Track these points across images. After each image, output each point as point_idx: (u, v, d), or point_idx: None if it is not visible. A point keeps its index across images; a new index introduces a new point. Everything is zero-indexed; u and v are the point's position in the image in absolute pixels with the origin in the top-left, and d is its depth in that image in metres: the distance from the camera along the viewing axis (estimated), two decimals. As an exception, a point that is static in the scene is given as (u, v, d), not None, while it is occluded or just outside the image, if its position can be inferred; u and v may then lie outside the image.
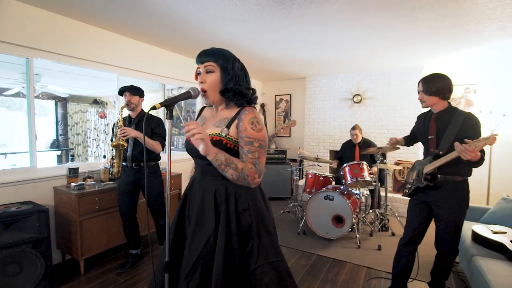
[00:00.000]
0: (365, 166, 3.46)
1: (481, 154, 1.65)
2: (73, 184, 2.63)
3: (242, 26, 2.91)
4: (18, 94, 4.73)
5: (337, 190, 3.33)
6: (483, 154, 1.69)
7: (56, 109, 6.12)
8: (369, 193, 3.91)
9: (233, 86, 1.19)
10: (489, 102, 4.16)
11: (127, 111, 2.65)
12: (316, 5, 2.40)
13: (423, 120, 2.11)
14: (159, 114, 3.73)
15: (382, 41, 3.33)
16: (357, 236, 3.29)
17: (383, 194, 3.99)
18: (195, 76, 1.24)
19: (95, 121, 6.43)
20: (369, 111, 5.07)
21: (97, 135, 6.43)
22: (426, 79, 1.95)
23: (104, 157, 3.20)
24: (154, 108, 1.07)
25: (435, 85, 1.89)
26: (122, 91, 2.59)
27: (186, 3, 2.42)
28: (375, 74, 4.97)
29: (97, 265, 2.73)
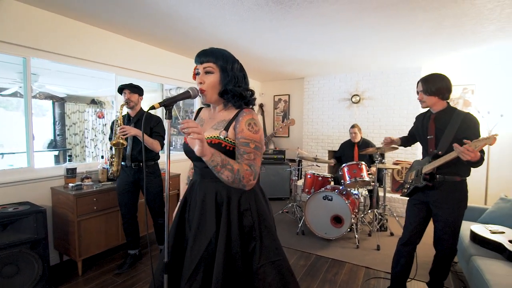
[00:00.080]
0: (363, 166, 3.47)
1: (480, 154, 1.65)
2: (71, 185, 2.61)
3: (241, 26, 2.91)
4: (15, 94, 4.70)
5: (336, 190, 3.33)
6: (483, 154, 1.69)
7: (54, 109, 6.08)
8: (367, 193, 3.91)
9: (232, 88, 1.19)
10: (487, 103, 4.18)
11: (126, 109, 2.64)
12: (315, 5, 2.40)
13: (421, 120, 2.11)
14: (157, 113, 3.72)
15: (381, 41, 3.34)
16: (356, 236, 3.29)
17: (381, 194, 4.00)
18: (193, 76, 1.23)
19: (93, 121, 6.40)
20: (367, 111, 5.08)
21: (95, 135, 6.39)
22: (425, 79, 1.95)
23: (102, 157, 3.19)
24: (153, 108, 1.06)
25: (434, 85, 1.89)
26: (122, 88, 2.57)
27: (186, 3, 2.41)
28: (373, 74, 4.98)
29: (95, 266, 2.72)
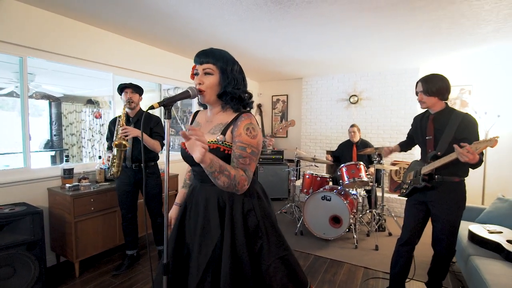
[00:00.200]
0: (362, 167, 3.47)
1: (479, 156, 1.65)
2: (67, 185, 2.59)
3: (240, 26, 2.90)
4: (11, 94, 4.65)
5: (334, 191, 3.33)
6: (481, 156, 1.70)
7: (50, 109, 6.03)
8: (365, 193, 3.92)
9: (232, 90, 1.18)
10: (484, 103, 4.21)
11: (126, 109, 2.58)
12: (314, 5, 2.40)
13: (420, 121, 2.10)
14: (155, 113, 3.70)
15: (380, 41, 3.34)
16: (355, 236, 3.29)
17: (379, 194, 4.01)
18: (191, 75, 1.22)
19: (90, 121, 6.36)
20: (365, 112, 5.09)
21: (92, 135, 6.35)
22: (425, 79, 1.94)
23: (99, 157, 3.16)
24: (152, 107, 1.05)
25: (435, 86, 1.88)
26: (122, 88, 2.51)
27: (185, 3, 2.40)
28: (371, 75, 4.99)
29: (92, 267, 2.70)
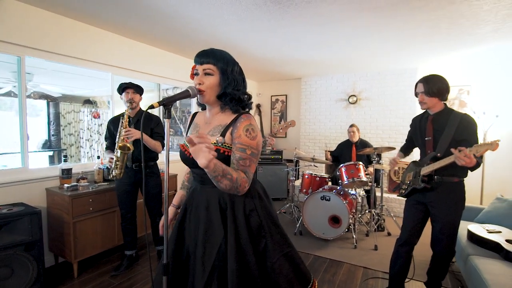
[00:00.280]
0: (361, 167, 3.47)
1: (477, 159, 1.66)
2: (66, 185, 2.58)
3: (239, 26, 2.90)
4: (9, 94, 4.63)
5: (333, 191, 3.33)
6: (480, 159, 1.70)
7: (48, 109, 6.01)
8: (365, 193, 3.92)
9: (231, 91, 1.17)
10: (482, 103, 4.22)
11: (128, 109, 2.56)
12: (313, 5, 2.40)
13: (419, 122, 2.09)
14: (154, 112, 3.68)
15: (379, 41, 3.35)
16: (354, 236, 3.30)
17: (378, 194, 4.01)
18: (191, 75, 1.21)
19: (88, 121, 6.34)
20: (364, 112, 5.10)
21: (90, 135, 6.33)
22: (426, 79, 1.91)
23: (98, 157, 3.15)
24: (152, 107, 1.04)
25: (436, 86, 1.87)
26: (124, 88, 2.47)
27: (185, 3, 2.39)
28: (370, 75, 5.00)
29: (91, 267, 2.68)
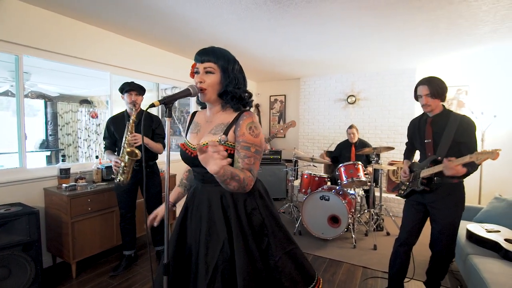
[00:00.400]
0: (360, 167, 3.47)
1: (467, 169, 1.67)
2: (64, 185, 2.56)
3: (239, 25, 2.89)
4: (6, 93, 4.59)
5: (332, 190, 3.33)
6: (470, 169, 1.70)
7: (46, 108, 5.97)
8: (364, 193, 3.93)
9: (232, 89, 1.17)
10: (480, 103, 4.24)
11: (128, 110, 2.54)
12: (313, 4, 2.40)
13: (417, 124, 2.06)
14: (152, 111, 3.67)
15: (378, 41, 3.35)
16: (353, 236, 3.30)
17: (377, 194, 4.02)
18: (191, 74, 1.21)
19: (86, 121, 6.30)
20: (363, 112, 5.11)
21: (88, 135, 6.30)
22: (429, 81, 1.86)
23: (96, 157, 3.14)
24: (153, 105, 1.04)
25: (439, 87, 1.84)
26: (129, 89, 2.42)
27: (184, 3, 2.39)
28: (369, 75, 5.01)
29: (89, 268, 2.67)
